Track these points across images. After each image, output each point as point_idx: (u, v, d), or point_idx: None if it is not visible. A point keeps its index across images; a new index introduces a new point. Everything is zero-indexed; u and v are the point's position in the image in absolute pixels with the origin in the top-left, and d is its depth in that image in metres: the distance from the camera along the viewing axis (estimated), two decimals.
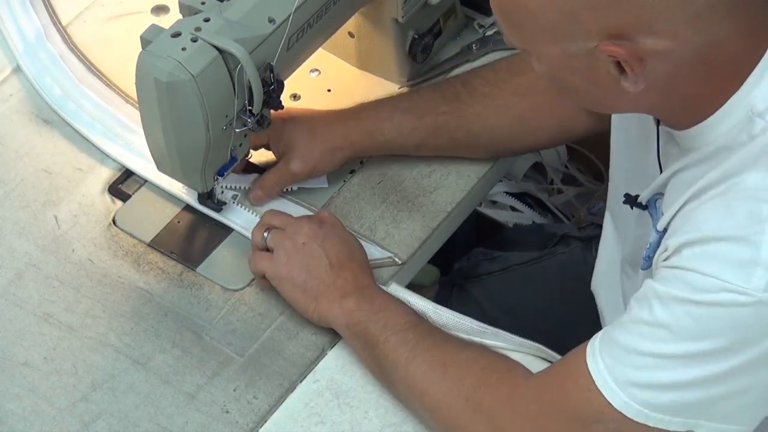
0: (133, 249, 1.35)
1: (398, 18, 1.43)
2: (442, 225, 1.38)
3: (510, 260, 1.60)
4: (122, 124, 1.44)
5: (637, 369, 1.03)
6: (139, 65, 1.20)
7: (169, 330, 1.28)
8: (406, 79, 1.50)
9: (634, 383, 1.03)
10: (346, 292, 1.24)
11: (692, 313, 1.00)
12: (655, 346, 1.02)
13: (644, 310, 1.03)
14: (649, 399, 1.03)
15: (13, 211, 1.39)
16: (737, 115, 1.02)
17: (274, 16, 1.23)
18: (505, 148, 1.41)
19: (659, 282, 1.03)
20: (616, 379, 1.04)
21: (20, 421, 1.21)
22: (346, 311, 1.23)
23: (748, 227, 0.98)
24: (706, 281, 0.99)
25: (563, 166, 2.15)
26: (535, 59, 1.06)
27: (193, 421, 1.21)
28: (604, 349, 1.05)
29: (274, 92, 1.24)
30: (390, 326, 1.21)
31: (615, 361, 1.04)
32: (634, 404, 1.03)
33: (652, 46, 0.97)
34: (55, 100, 1.46)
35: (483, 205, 2.00)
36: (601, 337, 1.07)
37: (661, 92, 1.02)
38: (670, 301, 1.01)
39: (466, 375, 1.16)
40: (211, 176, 1.31)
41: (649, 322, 1.02)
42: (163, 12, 1.57)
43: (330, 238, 1.28)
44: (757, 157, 1.00)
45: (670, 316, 1.01)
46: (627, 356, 1.04)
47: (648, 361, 1.03)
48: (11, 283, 1.32)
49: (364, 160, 1.42)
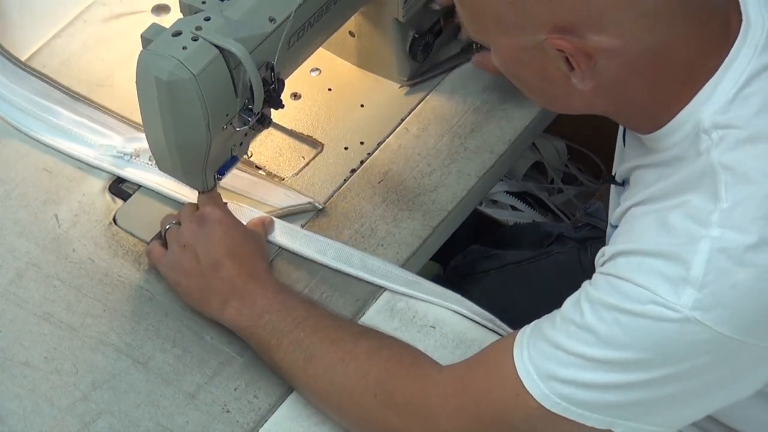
0: (134, 248, 1.35)
1: (399, 17, 1.43)
2: (442, 224, 1.38)
3: (506, 258, 1.60)
4: (32, 101, 1.44)
5: (560, 365, 1.03)
6: (140, 64, 1.19)
7: (169, 329, 1.28)
8: (406, 79, 1.50)
9: (555, 377, 1.04)
10: (225, 298, 1.23)
11: (620, 322, 1.01)
12: (580, 348, 1.03)
13: (576, 312, 1.04)
14: (568, 394, 1.03)
15: (14, 211, 1.39)
16: (687, 127, 1.02)
17: (274, 15, 1.23)
18: None
19: (593, 287, 1.04)
20: (539, 371, 1.04)
21: (21, 421, 1.21)
22: (230, 318, 1.22)
23: (683, 245, 0.99)
24: (637, 291, 1.00)
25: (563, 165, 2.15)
26: (494, 51, 1.06)
27: (193, 420, 1.21)
28: (532, 342, 1.06)
29: (274, 91, 1.24)
30: (279, 329, 1.19)
31: (539, 354, 1.05)
32: (554, 396, 1.04)
33: (599, 43, 0.97)
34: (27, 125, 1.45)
35: (483, 204, 2.00)
36: (531, 330, 1.08)
37: (612, 94, 1.02)
38: (601, 306, 1.02)
39: (370, 369, 1.15)
40: (211, 175, 1.31)
41: (578, 323, 1.03)
42: (163, 11, 1.57)
43: (207, 238, 1.26)
44: (701, 176, 1.00)
45: (598, 321, 1.02)
46: (552, 351, 1.04)
47: (571, 360, 1.03)
48: (12, 282, 1.32)
49: (365, 159, 1.42)
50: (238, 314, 1.22)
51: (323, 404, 1.19)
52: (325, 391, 1.17)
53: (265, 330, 1.20)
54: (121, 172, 1.40)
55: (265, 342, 1.20)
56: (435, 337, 1.27)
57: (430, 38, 1.48)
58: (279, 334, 1.19)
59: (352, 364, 1.15)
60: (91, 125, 1.44)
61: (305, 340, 1.18)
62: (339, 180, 1.41)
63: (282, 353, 1.19)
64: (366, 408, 1.14)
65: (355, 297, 1.30)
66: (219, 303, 1.23)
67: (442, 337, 1.27)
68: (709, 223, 0.98)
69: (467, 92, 1.50)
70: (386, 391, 1.13)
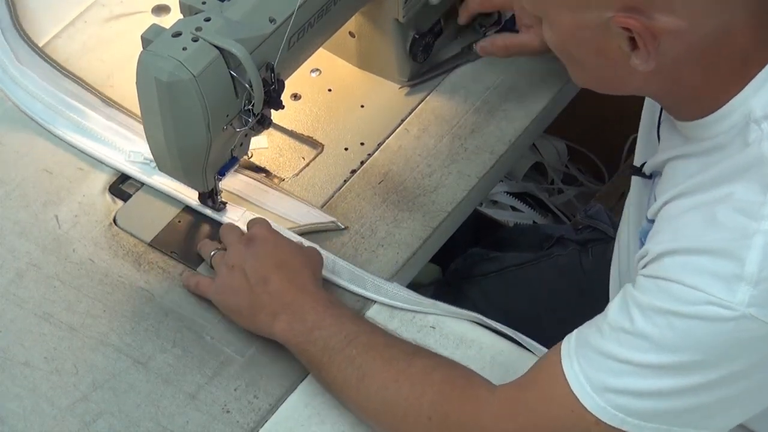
0: (134, 249, 1.35)
1: (399, 18, 1.43)
2: (442, 225, 1.38)
3: (506, 261, 1.60)
4: (63, 102, 1.45)
5: (614, 375, 1.02)
6: (140, 65, 1.20)
7: (169, 330, 1.28)
8: (406, 79, 1.50)
9: (611, 389, 1.02)
10: (274, 311, 1.21)
11: (674, 325, 0.99)
12: (634, 355, 1.02)
13: (624, 319, 1.03)
14: (625, 404, 1.02)
15: (14, 211, 1.39)
16: (735, 117, 1.02)
17: (274, 16, 1.23)
18: None
19: (640, 291, 1.03)
20: (592, 384, 1.03)
21: (21, 421, 1.21)
22: (281, 332, 1.21)
23: (734, 241, 0.98)
24: (690, 293, 0.98)
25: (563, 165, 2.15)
26: (547, 26, 1.05)
27: (193, 420, 1.21)
28: (581, 352, 1.05)
29: (274, 92, 1.24)
30: (330, 346, 1.18)
31: (591, 366, 1.03)
32: (610, 408, 1.03)
33: (667, 24, 0.97)
34: (41, 115, 1.46)
35: (484, 205, 2.00)
36: (576, 340, 1.06)
37: (669, 77, 1.02)
38: (652, 311, 1.01)
39: (424, 391, 1.13)
40: (211, 176, 1.31)
41: (629, 330, 1.02)
42: (163, 12, 1.57)
43: (254, 256, 1.25)
44: (749, 167, 0.99)
45: (651, 326, 1.01)
46: (604, 361, 1.03)
47: (625, 368, 1.02)
48: (12, 282, 1.32)
49: (365, 160, 1.43)
50: (289, 329, 1.20)
51: (375, 423, 1.17)
52: (377, 410, 1.16)
53: (316, 346, 1.18)
54: (147, 179, 1.39)
55: (316, 359, 1.18)
56: (435, 337, 1.27)
57: (430, 39, 1.48)
58: (331, 351, 1.17)
59: (405, 385, 1.14)
60: (121, 130, 1.43)
61: (357, 358, 1.16)
62: (339, 181, 1.41)
63: (334, 371, 1.17)
64: (419, 430, 1.13)
65: (356, 297, 1.30)
66: (269, 317, 1.21)
67: (442, 338, 1.27)
68: (761, 216, 0.97)
69: (467, 93, 1.50)
70: (440, 413, 1.12)
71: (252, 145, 1.36)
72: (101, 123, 1.44)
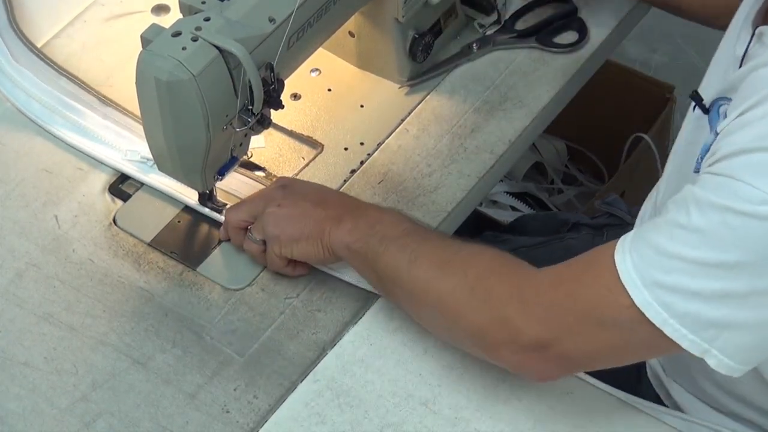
0: (134, 249, 1.35)
1: (399, 17, 1.43)
2: (442, 225, 1.37)
3: (517, 243, 1.60)
4: (60, 101, 1.45)
5: (664, 271, 1.02)
6: (140, 64, 1.20)
7: (169, 330, 1.28)
8: (406, 79, 1.50)
9: (660, 284, 1.02)
10: (339, 216, 1.25)
11: (729, 222, 0.99)
12: (685, 250, 1.01)
13: (681, 213, 1.02)
14: (671, 303, 1.02)
15: (14, 211, 1.39)
16: None
17: (274, 16, 1.23)
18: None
19: (700, 187, 1.02)
20: (642, 277, 1.02)
21: (20, 421, 1.21)
22: (345, 231, 1.23)
23: None
24: (750, 192, 0.98)
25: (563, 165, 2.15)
26: None
27: (193, 420, 1.21)
28: (635, 246, 1.04)
29: (274, 91, 1.24)
30: (388, 236, 1.21)
31: (643, 260, 1.03)
32: (656, 305, 1.02)
33: None
34: (38, 114, 1.46)
35: (483, 205, 2.00)
36: (633, 236, 1.06)
37: None
38: (708, 207, 1.00)
39: (471, 266, 1.15)
40: (211, 176, 1.31)
41: (684, 225, 1.01)
42: (163, 11, 1.57)
43: (298, 189, 1.30)
44: None
45: (706, 221, 1.00)
46: (656, 257, 1.02)
47: (675, 264, 1.01)
48: (11, 282, 1.32)
49: (364, 160, 1.43)
50: (354, 226, 1.23)
51: (421, 302, 1.19)
52: (424, 290, 1.17)
53: (375, 239, 1.21)
54: (145, 178, 1.39)
55: (373, 250, 1.21)
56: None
57: (430, 38, 1.48)
58: (387, 241, 1.20)
59: (455, 264, 1.16)
60: (118, 129, 1.44)
61: (411, 244, 1.19)
62: (339, 180, 1.41)
63: (388, 258, 1.20)
64: (461, 301, 1.14)
65: (354, 297, 1.30)
66: (335, 222, 1.24)
67: None
68: None
69: (467, 92, 1.50)
70: (484, 287, 1.13)
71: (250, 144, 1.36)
72: (98, 122, 1.44)
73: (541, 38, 1.53)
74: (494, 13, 1.54)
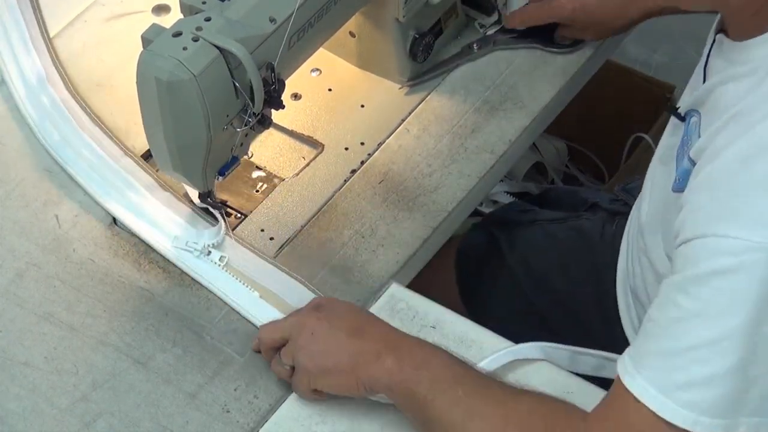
0: (134, 249, 1.35)
1: (399, 18, 1.43)
2: (442, 224, 1.38)
3: (539, 216, 1.60)
4: (120, 176, 1.40)
5: (677, 369, 1.00)
6: (140, 65, 1.20)
7: (169, 329, 1.28)
8: (406, 79, 1.50)
9: (678, 385, 1.00)
10: (379, 352, 1.17)
11: (720, 288, 0.97)
12: (692, 338, 0.99)
13: (671, 310, 1.01)
14: (693, 399, 1.00)
15: (14, 211, 1.39)
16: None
17: (275, 16, 1.23)
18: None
19: (677, 272, 1.01)
20: (660, 387, 1.01)
21: (21, 421, 1.21)
22: (386, 371, 1.16)
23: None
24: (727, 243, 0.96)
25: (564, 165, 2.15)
26: None
27: (193, 420, 1.21)
28: (639, 363, 1.03)
29: (275, 92, 1.24)
30: (438, 385, 1.14)
31: (653, 371, 1.02)
32: (682, 410, 1.00)
33: None
34: (54, 146, 1.42)
35: (484, 205, 2.00)
36: (630, 356, 1.04)
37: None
38: (693, 285, 0.99)
39: (530, 428, 1.11)
40: (212, 176, 1.31)
41: (680, 317, 1.00)
42: (164, 11, 1.57)
43: (334, 314, 1.23)
44: None
45: (697, 300, 0.99)
46: (665, 360, 1.01)
47: (685, 358, 1.00)
48: (12, 282, 1.32)
49: (365, 160, 1.43)
50: (398, 368, 1.15)
51: None
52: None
53: (422, 386, 1.14)
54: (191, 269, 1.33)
55: (421, 397, 1.14)
56: (435, 337, 1.27)
57: (431, 38, 1.49)
58: (436, 390, 1.14)
59: (513, 423, 1.11)
60: (168, 212, 1.37)
61: (465, 398, 1.13)
62: (339, 180, 1.41)
63: (440, 411, 1.14)
64: None
65: (355, 298, 1.30)
66: (374, 358, 1.17)
67: (442, 337, 1.27)
68: None
69: (467, 92, 1.50)
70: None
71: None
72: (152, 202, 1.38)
73: (542, 38, 1.53)
74: (495, 13, 1.54)
